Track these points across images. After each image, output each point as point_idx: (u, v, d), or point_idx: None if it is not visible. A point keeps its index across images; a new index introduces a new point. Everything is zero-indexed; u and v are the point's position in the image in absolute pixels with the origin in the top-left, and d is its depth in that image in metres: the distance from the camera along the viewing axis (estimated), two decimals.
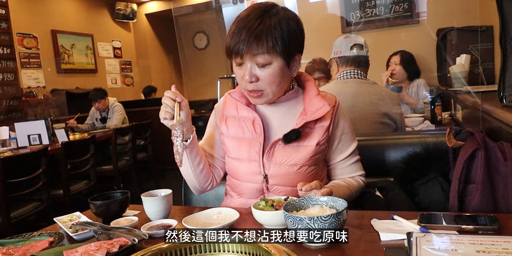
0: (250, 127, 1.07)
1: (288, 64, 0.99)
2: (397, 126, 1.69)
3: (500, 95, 1.17)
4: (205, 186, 1.14)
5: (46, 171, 2.48)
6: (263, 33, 0.93)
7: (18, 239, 0.94)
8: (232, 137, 1.10)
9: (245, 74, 0.97)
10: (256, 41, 0.93)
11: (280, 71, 0.98)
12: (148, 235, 0.85)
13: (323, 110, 1.01)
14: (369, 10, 3.33)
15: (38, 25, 4.92)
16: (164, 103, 0.98)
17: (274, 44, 0.94)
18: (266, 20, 0.94)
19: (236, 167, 1.09)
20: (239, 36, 0.94)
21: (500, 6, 1.14)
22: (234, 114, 1.11)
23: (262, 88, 0.99)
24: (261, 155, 1.04)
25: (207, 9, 6.19)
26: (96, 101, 4.18)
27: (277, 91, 1.01)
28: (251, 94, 1.01)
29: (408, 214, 0.87)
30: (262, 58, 0.95)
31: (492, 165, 0.97)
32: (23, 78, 4.57)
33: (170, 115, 0.98)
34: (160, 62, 7.08)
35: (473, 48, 2.35)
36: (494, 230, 0.75)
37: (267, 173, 1.04)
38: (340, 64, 1.76)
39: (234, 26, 0.96)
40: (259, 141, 1.05)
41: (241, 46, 0.94)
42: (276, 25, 0.94)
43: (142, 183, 4.07)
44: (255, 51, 0.94)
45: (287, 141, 1.01)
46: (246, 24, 0.95)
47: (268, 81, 0.97)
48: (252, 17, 0.95)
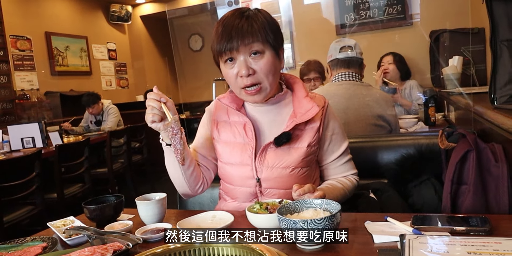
0: (241, 131, 1.08)
1: (277, 54, 1.02)
2: (391, 128, 1.70)
3: (491, 97, 1.19)
4: (195, 189, 1.11)
5: (40, 175, 2.46)
6: (254, 25, 0.97)
7: (11, 244, 0.93)
8: (223, 142, 1.10)
9: (241, 69, 0.98)
10: (249, 33, 0.96)
11: (273, 60, 1.00)
12: (142, 239, 0.85)
13: (312, 112, 1.02)
14: (363, 12, 3.35)
15: (31, 27, 4.89)
16: (149, 105, 0.96)
17: (266, 34, 0.98)
18: (251, 16, 0.99)
19: (229, 172, 1.09)
20: (229, 33, 0.96)
21: (490, 10, 1.16)
22: (225, 119, 1.11)
23: (260, 80, 1.00)
24: (253, 159, 1.05)
25: (202, 11, 6.19)
26: (89, 106, 4.16)
27: (273, 84, 1.03)
28: (249, 91, 1.00)
29: (402, 216, 0.88)
30: (255, 46, 0.97)
31: (484, 167, 0.99)
32: (16, 81, 4.54)
33: (158, 117, 0.96)
34: (155, 64, 7.07)
35: (465, 50, 2.37)
36: (486, 231, 0.76)
37: (260, 176, 1.05)
38: (332, 67, 1.78)
39: (221, 28, 0.99)
40: (250, 145, 1.05)
41: (234, 40, 0.96)
42: (263, 19, 0.99)
43: (138, 186, 4.05)
44: (248, 40, 0.96)
45: (278, 144, 1.02)
46: (233, 22, 0.98)
47: (265, 70, 0.99)
48: (237, 15, 0.99)
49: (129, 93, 6.54)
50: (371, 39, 3.32)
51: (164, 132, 1.00)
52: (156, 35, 7.01)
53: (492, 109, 1.17)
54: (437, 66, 2.83)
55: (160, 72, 7.18)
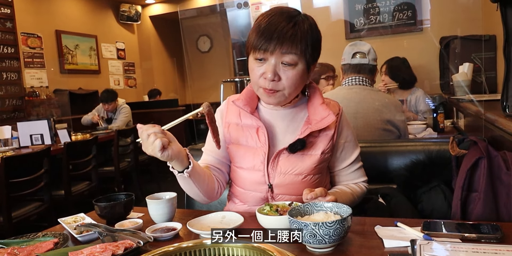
0: (254, 135, 1.05)
1: (308, 68, 1.00)
2: (400, 133, 1.70)
3: (503, 105, 1.18)
4: (213, 197, 1.09)
5: (48, 172, 2.49)
6: (297, 35, 0.94)
7: (22, 239, 0.94)
8: (235, 145, 1.08)
9: (267, 71, 0.95)
10: (290, 41, 0.93)
11: (302, 74, 0.98)
12: (153, 238, 0.86)
13: (328, 120, 1.01)
14: (373, 17, 3.35)
15: (42, 25, 4.95)
16: (149, 134, 0.83)
17: (305, 48, 0.95)
18: (300, 23, 0.95)
19: (240, 176, 1.08)
20: (271, 33, 0.93)
21: (504, 17, 1.15)
22: (237, 121, 1.09)
23: (281, 88, 0.98)
24: (266, 164, 1.03)
25: (212, 13, 6.23)
26: (107, 103, 4.22)
27: (293, 95, 1.01)
28: (268, 92, 0.98)
29: (411, 221, 0.88)
30: (290, 58, 0.95)
31: (495, 174, 0.98)
32: (26, 78, 4.59)
33: (166, 141, 0.84)
34: (163, 64, 7.12)
35: (476, 57, 2.36)
36: (497, 239, 0.76)
37: (272, 182, 1.03)
38: (344, 71, 1.79)
39: (265, 23, 0.95)
40: (263, 150, 1.03)
41: (272, 43, 0.93)
42: (309, 30, 0.96)
43: (143, 185, 4.07)
44: (285, 49, 0.93)
45: (292, 151, 1.01)
46: (279, 23, 0.94)
47: (290, 82, 0.97)
48: (285, 18, 0.95)
49: (137, 92, 6.59)
50: (380, 44, 3.32)
51: (176, 161, 0.91)
52: (165, 36, 7.06)
53: (504, 117, 1.16)
54: (447, 72, 2.82)
55: (168, 73, 7.22)
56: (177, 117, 0.92)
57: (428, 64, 3.16)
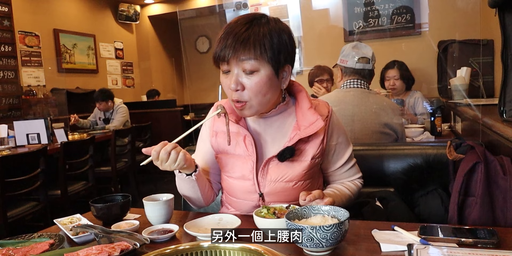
0: (241, 143, 1.03)
1: (277, 73, 0.95)
2: (397, 136, 1.70)
3: (501, 110, 1.19)
4: (209, 201, 1.12)
5: (45, 171, 2.47)
6: (250, 39, 0.90)
7: (17, 240, 0.94)
8: (223, 154, 1.07)
9: (231, 82, 0.93)
10: (243, 46, 0.90)
11: (268, 80, 0.93)
12: (149, 239, 0.85)
13: (316, 125, 0.98)
14: (372, 20, 3.37)
15: (40, 23, 4.93)
16: (166, 153, 0.91)
17: (262, 51, 0.90)
18: (254, 27, 0.92)
19: (231, 185, 1.07)
20: (225, 41, 0.91)
21: (502, 22, 1.16)
22: (224, 129, 1.05)
23: (246, 99, 0.94)
24: (255, 173, 1.02)
25: (211, 14, 6.22)
26: (98, 101, 4.18)
27: (264, 103, 0.96)
28: (236, 105, 0.96)
29: (409, 225, 0.88)
30: (249, 64, 0.91)
31: (492, 179, 0.98)
32: (23, 77, 4.57)
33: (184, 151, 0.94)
34: (161, 64, 7.10)
35: (474, 61, 2.38)
36: (493, 244, 0.76)
37: (263, 191, 1.02)
38: (344, 73, 1.78)
39: (222, 33, 0.93)
40: (251, 159, 1.02)
41: (227, 51, 0.91)
42: (266, 34, 0.91)
43: (140, 186, 4.06)
44: (241, 56, 0.90)
45: (281, 160, 0.99)
46: (233, 30, 0.92)
47: (254, 90, 0.93)
48: (240, 23, 0.93)
49: (135, 92, 6.57)
50: (378, 47, 3.32)
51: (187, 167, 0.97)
52: (164, 36, 7.05)
53: (501, 122, 1.17)
54: (445, 76, 2.83)
55: (166, 73, 7.21)
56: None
57: (426, 67, 3.18)
